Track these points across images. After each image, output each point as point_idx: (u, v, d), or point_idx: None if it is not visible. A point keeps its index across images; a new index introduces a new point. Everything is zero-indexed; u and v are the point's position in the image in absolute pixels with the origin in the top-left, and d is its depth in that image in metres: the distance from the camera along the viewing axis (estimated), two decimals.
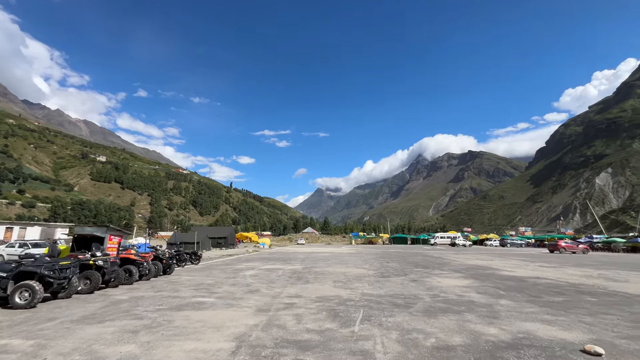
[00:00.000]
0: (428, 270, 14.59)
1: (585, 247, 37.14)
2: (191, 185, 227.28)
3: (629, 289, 9.39)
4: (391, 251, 35.03)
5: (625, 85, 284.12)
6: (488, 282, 10.69)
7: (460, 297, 7.92)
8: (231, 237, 47.48)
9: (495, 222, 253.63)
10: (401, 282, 10.63)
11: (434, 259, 21.72)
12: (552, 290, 9.07)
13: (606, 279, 11.78)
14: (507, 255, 27.48)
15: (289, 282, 10.57)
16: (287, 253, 31.63)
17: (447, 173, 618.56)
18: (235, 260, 22.01)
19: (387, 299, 7.63)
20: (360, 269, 15.18)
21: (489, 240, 63.77)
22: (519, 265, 17.67)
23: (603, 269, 15.57)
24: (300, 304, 7.00)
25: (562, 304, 7.07)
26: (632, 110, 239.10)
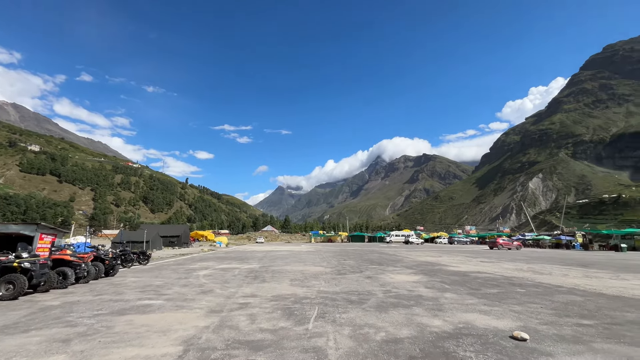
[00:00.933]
0: (382, 267, 15.20)
1: (519, 244, 41.49)
2: (142, 180, 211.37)
3: (551, 280, 10.65)
4: (349, 249, 35.91)
5: (554, 101, 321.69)
6: (436, 277, 11.44)
7: (410, 292, 8.36)
8: (185, 236, 45.08)
9: (445, 221, 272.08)
10: (357, 279, 10.94)
11: (389, 256, 22.70)
12: (489, 283, 9.97)
13: (534, 272, 13.24)
14: (454, 252, 29.67)
15: (244, 282, 10.33)
16: (245, 252, 30.90)
17: (403, 174, 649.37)
18: (188, 259, 20.97)
19: (342, 295, 7.81)
20: (318, 266, 15.34)
21: (439, 238, 68.24)
22: (463, 261, 19.16)
23: (532, 263, 17.49)
24: (255, 304, 6.87)
25: (497, 296, 7.80)
26: (560, 123, 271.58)
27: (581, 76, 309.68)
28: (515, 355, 3.84)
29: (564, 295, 7.95)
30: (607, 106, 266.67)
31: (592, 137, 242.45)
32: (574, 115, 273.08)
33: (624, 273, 13.07)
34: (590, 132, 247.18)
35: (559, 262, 18.48)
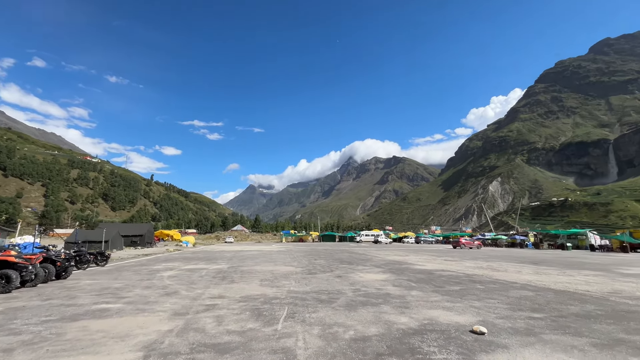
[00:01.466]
0: (352, 266, 15.43)
1: (479, 243, 44.04)
2: (102, 175, 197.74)
3: (507, 277, 11.42)
4: (320, 249, 36.09)
5: (512, 110, 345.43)
6: (403, 275, 11.81)
7: (379, 290, 8.56)
8: (149, 235, 42.83)
9: (412, 221, 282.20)
10: (327, 278, 11.01)
11: (359, 256, 23.11)
12: (452, 280, 10.47)
13: (492, 269, 14.12)
14: (420, 251, 30.87)
15: (212, 283, 10.01)
16: (213, 252, 29.98)
17: (374, 175, 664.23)
18: (152, 260, 19.94)
19: (313, 295, 7.82)
20: (288, 266, 15.25)
21: (406, 238, 70.67)
22: (428, 259, 19.98)
23: (490, 262, 18.64)
24: (222, 305, 6.68)
25: (459, 292, 8.22)
26: (517, 131, 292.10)
27: (536, 88, 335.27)
28: (474, 349, 4.05)
29: (517, 290, 8.55)
30: (557, 117, 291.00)
31: (544, 145, 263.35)
32: (529, 124, 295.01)
33: (569, 269, 14.32)
34: (542, 140, 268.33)
35: (513, 260, 19.85)
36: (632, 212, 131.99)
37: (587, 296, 7.78)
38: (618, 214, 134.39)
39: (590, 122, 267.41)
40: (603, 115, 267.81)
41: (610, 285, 9.68)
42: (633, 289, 9.00)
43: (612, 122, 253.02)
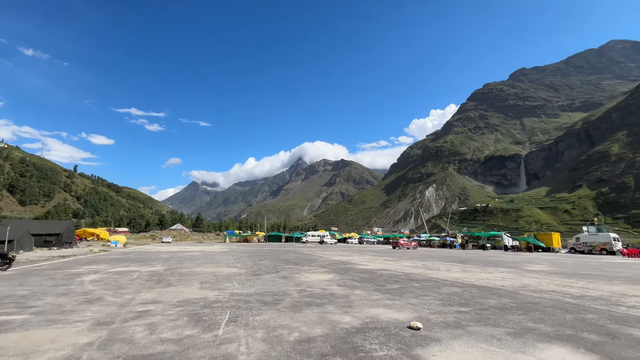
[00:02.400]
0: (298, 266, 15.42)
1: (416, 244, 47.57)
2: (8, 163, 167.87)
3: (439, 275, 12.49)
4: (265, 249, 35.43)
5: (447, 123, 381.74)
6: (347, 275, 12.16)
7: (324, 290, 8.67)
8: (69, 234, 37.38)
9: (356, 222, 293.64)
10: (272, 279, 10.81)
11: (304, 256, 23.21)
12: (392, 279, 11.09)
13: (427, 268, 15.33)
14: (363, 252, 32.21)
15: (144, 287, 9.11)
16: (148, 252, 27.41)
17: (322, 177, 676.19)
18: (71, 262, 17.45)
19: (257, 297, 7.59)
20: (232, 268, 14.64)
21: (350, 239, 73.15)
22: (371, 259, 20.93)
23: (425, 261, 20.24)
24: (156, 311, 6.10)
25: (398, 290, 8.73)
26: (450, 142, 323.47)
27: (467, 106, 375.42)
28: (411, 344, 4.32)
29: (448, 287, 9.40)
30: (483, 132, 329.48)
31: (472, 157, 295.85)
32: (460, 137, 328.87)
33: (488, 267, 16.23)
34: (470, 152, 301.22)
35: (444, 260, 21.84)
36: (536, 218, 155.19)
37: (502, 291, 8.88)
38: (526, 219, 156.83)
39: (507, 139, 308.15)
40: (518, 134, 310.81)
41: (520, 280, 11.20)
42: (537, 283, 10.53)
43: (524, 140, 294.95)
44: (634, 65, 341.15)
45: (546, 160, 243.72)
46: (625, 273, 14.56)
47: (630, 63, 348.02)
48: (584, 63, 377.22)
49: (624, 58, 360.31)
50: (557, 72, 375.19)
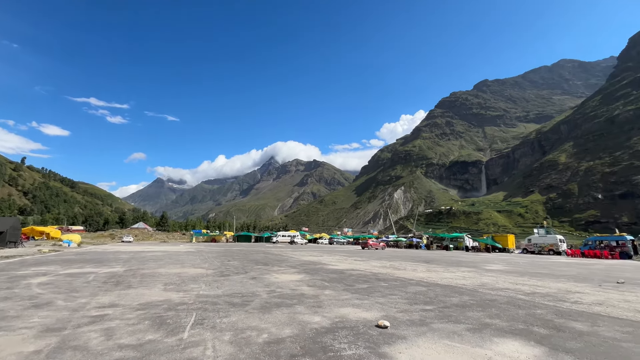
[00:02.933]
0: (268, 267, 15.23)
1: (384, 244, 48.85)
2: None
3: (406, 275, 12.93)
4: (234, 249, 34.60)
5: (416, 128, 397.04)
6: (317, 275, 12.21)
7: (294, 290, 8.64)
8: (14, 233, 33.96)
9: (327, 223, 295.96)
10: (241, 280, 10.59)
11: (274, 256, 22.98)
12: (361, 279, 11.31)
13: (394, 268, 15.81)
14: (333, 252, 32.52)
15: (101, 289, 8.52)
16: (106, 253, 25.66)
17: (294, 177, 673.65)
18: (17, 263, 15.86)
19: (225, 298, 7.39)
20: (198, 268, 14.13)
21: (321, 239, 73.59)
22: (340, 260, 21.18)
23: (392, 261, 20.85)
24: (114, 315, 5.73)
25: (367, 290, 8.92)
26: (419, 147, 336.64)
27: (435, 113, 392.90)
28: (379, 342, 4.43)
29: (413, 286, 9.76)
30: (449, 139, 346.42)
31: (438, 161, 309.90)
32: (428, 142, 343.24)
33: (451, 267, 17.08)
34: (437, 157, 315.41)
35: (410, 260, 22.65)
36: (494, 220, 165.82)
37: (463, 289, 9.38)
38: (485, 222, 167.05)
39: (471, 146, 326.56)
40: (480, 141, 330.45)
41: (479, 279, 11.90)
42: (494, 281, 11.25)
43: (485, 148, 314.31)
44: (580, 83, 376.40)
45: (504, 167, 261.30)
46: (569, 272, 15.98)
47: (577, 81, 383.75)
48: (539, 78, 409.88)
49: (572, 76, 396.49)
50: (515, 85, 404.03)
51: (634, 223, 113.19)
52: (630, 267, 20.97)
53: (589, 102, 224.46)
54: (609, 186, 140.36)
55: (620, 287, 10.54)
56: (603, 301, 7.85)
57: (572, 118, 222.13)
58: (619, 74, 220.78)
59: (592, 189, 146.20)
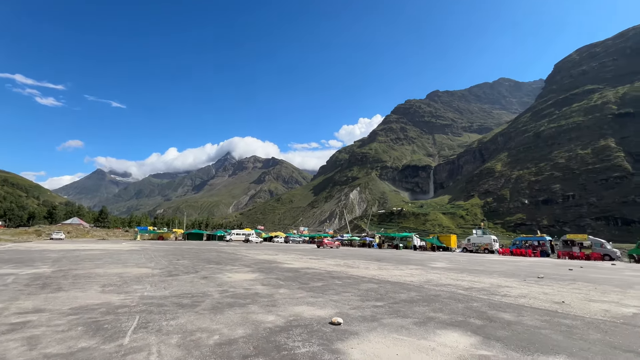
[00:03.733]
0: (220, 266, 14.69)
1: (338, 243, 49.92)
2: None
3: (359, 273, 13.36)
4: (184, 247, 32.75)
5: (373, 132, 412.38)
6: (272, 274, 12.07)
7: (248, 290, 8.44)
8: None
9: (283, 221, 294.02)
10: (191, 280, 10.06)
11: (228, 255, 22.23)
12: (316, 277, 11.44)
13: (348, 266, 16.24)
14: (289, 251, 32.42)
15: (23, 293, 7.49)
16: (30, 251, 22.57)
17: (251, 174, 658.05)
18: None
19: (173, 300, 6.97)
20: (143, 268, 13.12)
21: (276, 238, 72.82)
22: (296, 258, 21.19)
23: (346, 259, 21.42)
24: (40, 322, 5.08)
25: (321, 288, 9.04)
26: (374, 150, 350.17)
27: (390, 118, 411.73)
28: (332, 338, 4.52)
29: (366, 284, 10.13)
30: (402, 144, 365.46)
31: (391, 164, 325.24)
32: (383, 146, 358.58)
33: (400, 265, 18.04)
34: (391, 161, 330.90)
35: (363, 258, 23.47)
36: (439, 222, 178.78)
37: (411, 286, 9.98)
38: (431, 222, 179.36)
39: (422, 151, 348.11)
40: (430, 148, 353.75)
41: (425, 276, 12.74)
42: (438, 278, 12.13)
43: (434, 154, 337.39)
44: (515, 100, 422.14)
45: (450, 172, 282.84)
46: (501, 268, 17.85)
47: (512, 98, 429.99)
48: (482, 93, 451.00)
49: (508, 93, 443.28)
50: (462, 97, 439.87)
51: (552, 225, 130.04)
52: (549, 264, 24.09)
53: (521, 117, 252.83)
54: (534, 193, 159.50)
55: (540, 281, 12.05)
56: (526, 294, 8.91)
57: (507, 131, 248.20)
58: (546, 95, 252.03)
59: (521, 195, 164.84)
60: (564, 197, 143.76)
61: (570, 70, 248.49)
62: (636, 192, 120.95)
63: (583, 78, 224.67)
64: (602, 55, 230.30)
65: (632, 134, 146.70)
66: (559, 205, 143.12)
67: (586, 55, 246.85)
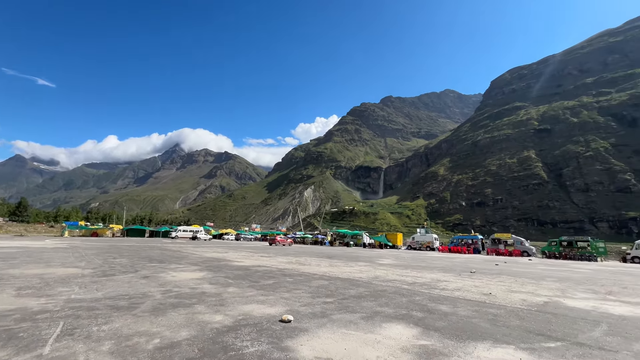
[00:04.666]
0: (164, 264, 13.72)
1: (291, 241, 49.85)
2: None
3: (310, 270, 13.48)
4: (123, 245, 29.92)
5: (329, 132, 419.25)
6: (221, 272, 11.62)
7: (194, 289, 8.01)
8: None
9: (235, 218, 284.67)
10: (129, 280, 9.23)
11: (173, 253, 20.86)
12: (267, 275, 11.28)
13: (299, 264, 16.30)
14: (240, 248, 31.50)
15: None
16: None
17: (201, 168, 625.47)
18: None
19: (107, 302, 6.32)
20: (71, 268, 11.69)
21: (227, 235, 70.32)
22: (247, 256, 20.67)
23: (299, 257, 21.48)
24: None
25: (272, 286, 8.94)
26: (330, 150, 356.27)
27: (346, 119, 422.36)
28: (282, 336, 4.50)
29: (317, 281, 10.26)
30: (356, 145, 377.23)
31: (345, 164, 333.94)
32: (338, 146, 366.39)
33: (350, 262, 18.62)
34: (345, 161, 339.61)
35: (315, 256, 23.75)
36: (388, 221, 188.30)
37: (360, 282, 10.36)
38: (380, 221, 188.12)
39: (374, 153, 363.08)
40: (382, 150, 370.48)
41: (373, 272, 13.32)
42: (385, 274, 12.77)
43: (385, 156, 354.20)
44: (457, 111, 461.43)
45: (399, 174, 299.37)
46: (440, 264, 19.41)
47: (456, 109, 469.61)
48: (430, 102, 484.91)
49: (452, 104, 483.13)
50: (412, 104, 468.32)
51: (484, 225, 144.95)
52: (480, 259, 26.83)
53: (462, 127, 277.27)
54: (470, 196, 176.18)
55: (472, 275, 13.36)
56: (461, 287, 9.81)
57: (450, 138, 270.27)
58: (483, 108, 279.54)
59: (459, 198, 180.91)
60: (494, 200, 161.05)
61: (502, 87, 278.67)
62: (549, 198, 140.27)
63: (513, 95, 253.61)
64: (528, 76, 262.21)
65: (548, 147, 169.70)
66: (490, 207, 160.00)
67: (516, 76, 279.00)
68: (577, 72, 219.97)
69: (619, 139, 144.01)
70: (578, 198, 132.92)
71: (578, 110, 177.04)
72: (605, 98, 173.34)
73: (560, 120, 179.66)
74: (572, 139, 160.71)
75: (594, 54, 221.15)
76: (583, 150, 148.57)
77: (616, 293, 9.80)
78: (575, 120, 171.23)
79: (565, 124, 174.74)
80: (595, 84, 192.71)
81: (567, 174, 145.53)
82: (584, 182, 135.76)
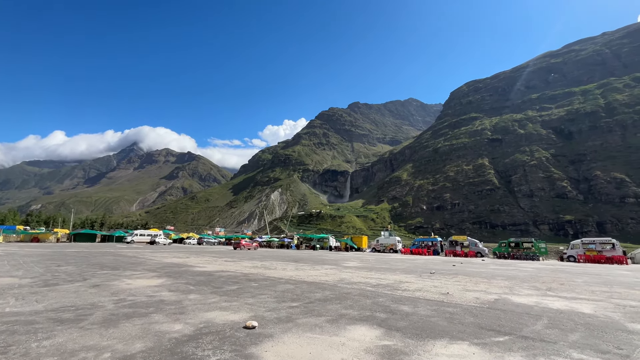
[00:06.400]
0: (118, 272, 12.76)
1: (257, 244, 48.92)
2: None
3: (276, 274, 13.30)
4: (69, 251, 27.31)
5: (297, 135, 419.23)
6: (181, 279, 11.06)
7: (151, 297, 7.54)
8: None
9: (197, 222, 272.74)
10: (76, 289, 8.45)
11: (128, 259, 19.46)
12: (231, 280, 10.94)
13: (265, 268, 16.02)
14: (202, 253, 30.22)
15: None
16: None
17: (162, 169, 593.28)
18: None
19: (48, 315, 5.73)
20: (5, 277, 10.44)
21: (189, 239, 67.12)
22: (210, 261, 19.89)
23: (264, 261, 21.11)
24: None
25: (236, 292, 8.70)
26: (298, 153, 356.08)
27: (314, 123, 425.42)
28: (245, 343, 4.39)
29: (283, 285, 10.15)
30: (324, 149, 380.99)
31: (313, 168, 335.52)
32: (306, 149, 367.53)
33: (317, 265, 18.68)
34: (313, 164, 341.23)
35: (281, 259, 23.49)
36: (353, 224, 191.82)
37: (326, 285, 10.43)
38: (346, 224, 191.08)
39: (341, 157, 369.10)
40: (349, 154, 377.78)
41: (339, 275, 13.48)
42: (350, 277, 12.98)
43: (352, 160, 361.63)
44: (420, 119, 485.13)
45: (365, 179, 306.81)
46: (402, 266, 20.14)
47: (418, 117, 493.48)
48: (395, 109, 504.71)
49: (415, 113, 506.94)
50: (378, 111, 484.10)
51: (443, 228, 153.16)
52: (439, 261, 28.26)
53: (424, 134, 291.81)
54: (430, 200, 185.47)
55: (432, 276, 14.03)
56: (421, 288, 10.26)
57: (413, 145, 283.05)
58: (443, 117, 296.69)
59: (420, 202, 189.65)
60: (452, 205, 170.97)
61: (460, 99, 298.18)
62: (500, 202, 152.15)
63: (469, 107, 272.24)
64: (482, 90, 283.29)
65: (499, 155, 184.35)
66: (448, 211, 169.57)
67: (472, 89, 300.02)
68: (524, 88, 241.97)
69: (558, 150, 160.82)
70: (524, 203, 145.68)
71: (524, 123, 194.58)
72: (547, 113, 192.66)
73: (510, 131, 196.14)
74: (520, 149, 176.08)
75: (538, 73, 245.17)
76: (528, 159, 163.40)
77: (555, 289, 10.85)
78: (522, 132, 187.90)
79: (513, 135, 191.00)
80: (539, 100, 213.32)
81: (515, 180, 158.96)
82: (529, 188, 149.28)
